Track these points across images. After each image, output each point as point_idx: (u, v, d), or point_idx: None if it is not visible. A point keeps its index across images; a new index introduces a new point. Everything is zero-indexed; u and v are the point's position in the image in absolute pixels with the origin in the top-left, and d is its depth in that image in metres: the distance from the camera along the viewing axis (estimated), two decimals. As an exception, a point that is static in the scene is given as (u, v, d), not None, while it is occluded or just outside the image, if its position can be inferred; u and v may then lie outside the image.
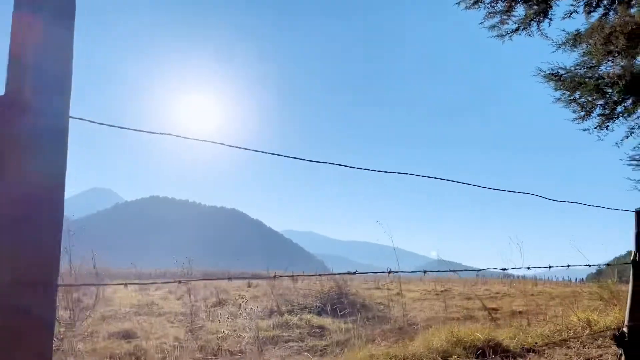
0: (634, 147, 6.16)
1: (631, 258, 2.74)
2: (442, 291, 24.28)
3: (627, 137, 7.84)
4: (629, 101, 7.40)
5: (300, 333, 6.04)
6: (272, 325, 6.41)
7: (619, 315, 5.85)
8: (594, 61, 6.20)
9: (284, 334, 5.92)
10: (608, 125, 7.82)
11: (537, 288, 27.76)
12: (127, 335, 5.98)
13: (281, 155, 1.69)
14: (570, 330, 5.24)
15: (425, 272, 2.61)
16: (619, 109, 7.63)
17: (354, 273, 2.09)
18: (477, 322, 6.88)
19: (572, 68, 6.46)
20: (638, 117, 7.71)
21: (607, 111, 7.71)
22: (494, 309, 10.18)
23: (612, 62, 6.15)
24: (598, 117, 7.78)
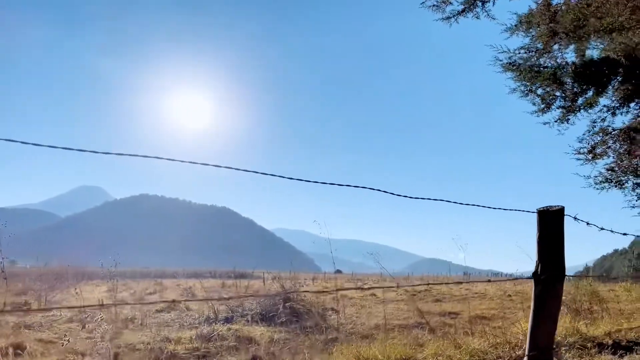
0: (581, 139, 5.63)
1: (533, 270, 2.20)
2: (420, 292, 23.90)
3: (590, 131, 7.33)
4: (590, 92, 6.89)
5: (220, 345, 5.48)
6: (194, 336, 5.84)
7: (569, 325, 5.34)
8: (540, 44, 5.67)
9: (202, 346, 5.36)
10: (569, 119, 7.31)
11: (516, 288, 27.43)
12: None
13: (267, 174, 1.80)
14: (507, 345, 4.73)
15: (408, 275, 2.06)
16: (580, 100, 7.13)
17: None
18: (421, 330, 6.39)
19: (520, 53, 5.90)
20: (600, 110, 7.20)
21: (567, 103, 7.20)
22: (455, 313, 9.71)
23: (560, 45, 5.61)
24: (558, 110, 7.28)
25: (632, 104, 6.53)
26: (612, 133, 5.13)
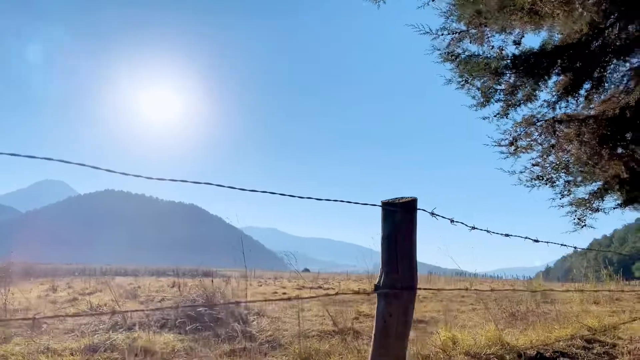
0: (504, 131, 5.21)
1: (376, 282, 1.67)
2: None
3: (512, 122, 6.93)
4: (528, 86, 6.50)
5: (107, 358, 4.85)
6: (82, 347, 5.17)
7: (493, 334, 4.91)
8: (463, 25, 5.22)
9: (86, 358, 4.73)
10: (508, 113, 6.93)
11: (473, 287, 27.43)
12: None
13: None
14: (418, 356, 4.28)
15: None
16: (520, 94, 6.75)
17: None
18: (345, 337, 5.89)
19: (443, 34, 5.42)
20: (541, 105, 6.84)
21: (507, 97, 6.82)
22: (395, 316, 9.28)
23: (488, 29, 5.18)
24: (498, 104, 6.89)
25: (570, 98, 6.17)
26: (537, 125, 4.71)
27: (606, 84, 5.95)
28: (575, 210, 4.83)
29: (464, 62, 6.61)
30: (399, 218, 1.67)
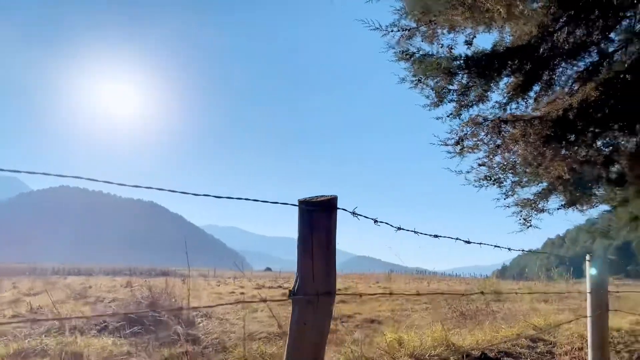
0: (450, 131, 5.19)
1: (291, 287, 1.54)
2: (340, 289, 23.52)
3: (460, 121, 6.94)
4: (480, 86, 6.52)
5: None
6: (11, 352, 4.83)
7: (439, 335, 4.88)
8: (412, 23, 5.18)
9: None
10: (461, 114, 6.95)
11: (431, 286, 27.98)
12: None
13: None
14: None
15: None
16: (472, 95, 6.77)
17: None
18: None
19: (393, 31, 5.36)
20: (493, 107, 6.89)
21: (460, 97, 6.83)
22: (349, 316, 9.24)
23: (437, 27, 5.15)
24: (450, 104, 6.89)
25: (520, 100, 6.22)
26: (483, 125, 4.71)
27: (555, 87, 6.04)
28: (521, 211, 4.87)
29: (418, 62, 6.57)
30: (316, 218, 1.53)
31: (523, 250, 2.98)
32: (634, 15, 5.62)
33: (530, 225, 4.93)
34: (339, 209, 1.58)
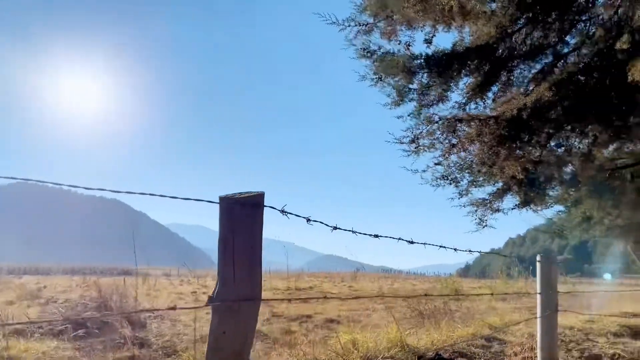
0: (406, 129, 5.15)
1: (212, 292, 1.40)
2: (304, 288, 23.47)
3: (415, 119, 6.92)
4: (440, 86, 6.50)
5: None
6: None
7: (394, 335, 4.82)
8: (369, 18, 5.11)
9: None
10: (421, 113, 6.92)
11: (395, 285, 28.21)
12: None
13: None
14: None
15: None
16: (432, 94, 6.76)
17: None
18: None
19: (350, 26, 5.27)
20: (453, 107, 6.89)
21: (420, 97, 6.81)
22: (309, 316, 9.14)
23: (395, 24, 5.10)
24: (412, 103, 6.86)
25: (479, 100, 6.23)
26: (438, 123, 4.68)
27: (513, 88, 6.08)
28: (476, 210, 4.87)
29: (379, 60, 6.51)
30: (239, 216, 1.40)
31: (470, 251, 2.93)
32: (588, 19, 5.72)
33: (486, 225, 4.94)
34: (266, 206, 1.45)
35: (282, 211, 1.54)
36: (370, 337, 4.69)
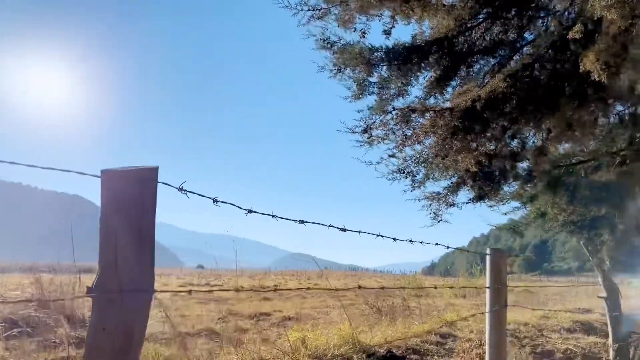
0: (359, 118, 5.00)
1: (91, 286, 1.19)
2: (269, 286, 23.25)
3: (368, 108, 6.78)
4: (399, 80, 6.38)
5: None
6: None
7: (347, 333, 4.68)
8: (323, 3, 4.95)
9: None
10: (391, 111, 6.80)
11: (361, 282, 28.24)
12: None
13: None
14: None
15: None
16: (393, 88, 6.64)
17: None
18: (205, 340, 5.38)
19: (303, 10, 5.09)
20: (413, 102, 6.79)
21: (381, 90, 6.68)
22: (267, 314, 8.93)
23: (344, 5, 4.94)
24: (372, 96, 6.72)
25: (438, 94, 6.15)
26: (392, 113, 4.55)
27: (472, 82, 6.03)
28: (430, 204, 4.77)
29: (339, 51, 6.35)
30: (123, 192, 1.20)
31: (422, 243, 2.80)
32: (547, 15, 5.71)
33: (441, 220, 4.85)
34: (160, 183, 1.25)
35: (180, 189, 1.34)
36: (322, 335, 4.53)
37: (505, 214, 5.38)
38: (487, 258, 3.19)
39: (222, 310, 8.78)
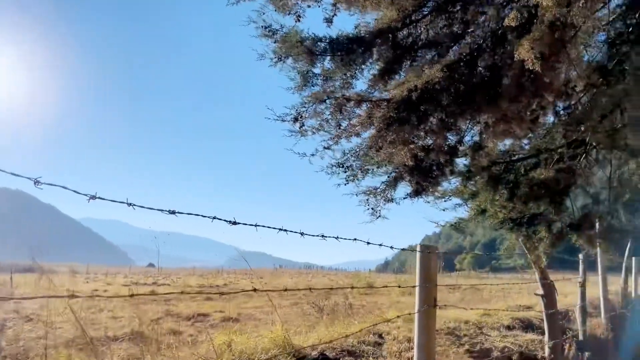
0: (291, 106, 4.76)
1: None
2: (219, 285, 22.70)
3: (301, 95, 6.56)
4: (342, 73, 6.16)
5: None
6: None
7: (279, 334, 4.42)
8: None
9: None
10: (326, 100, 6.57)
11: (312, 281, 28.11)
12: None
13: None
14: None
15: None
16: (337, 80, 6.42)
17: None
18: (127, 344, 4.98)
19: None
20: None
21: (324, 82, 6.44)
22: (205, 314, 8.56)
23: None
24: (316, 88, 6.47)
25: (382, 87, 5.96)
26: (327, 103, 4.33)
27: (411, 74, 5.89)
28: (367, 199, 4.58)
29: (282, 40, 6.07)
30: None
31: (367, 243, 2.59)
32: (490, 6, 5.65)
33: (380, 216, 4.67)
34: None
35: (35, 181, 1.07)
36: (251, 338, 4.25)
37: (444, 210, 5.27)
38: (417, 255, 3.01)
39: (159, 311, 8.34)
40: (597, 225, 5.86)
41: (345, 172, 4.58)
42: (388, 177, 4.45)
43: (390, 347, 4.54)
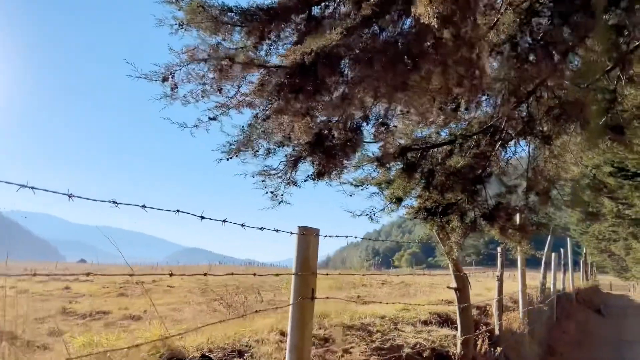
0: (162, 65, 4.19)
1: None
2: (147, 282, 21.51)
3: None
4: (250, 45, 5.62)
5: None
6: None
7: (156, 333, 3.86)
8: None
9: None
10: (245, 77, 6.01)
11: (249, 279, 27.47)
12: None
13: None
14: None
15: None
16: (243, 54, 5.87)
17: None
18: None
19: None
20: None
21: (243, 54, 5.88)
22: (106, 312, 7.79)
23: None
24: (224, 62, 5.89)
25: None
26: (207, 63, 3.80)
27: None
28: (264, 181, 4.09)
29: (187, 6, 5.45)
30: None
31: (276, 230, 2.12)
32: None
33: (282, 201, 4.20)
34: None
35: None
36: (121, 339, 3.66)
37: (351, 195, 4.89)
38: (295, 238, 2.55)
39: (52, 308, 7.47)
40: (517, 217, 5.71)
41: (245, 149, 4.06)
42: (287, 155, 3.98)
43: (256, 350, 4.06)
